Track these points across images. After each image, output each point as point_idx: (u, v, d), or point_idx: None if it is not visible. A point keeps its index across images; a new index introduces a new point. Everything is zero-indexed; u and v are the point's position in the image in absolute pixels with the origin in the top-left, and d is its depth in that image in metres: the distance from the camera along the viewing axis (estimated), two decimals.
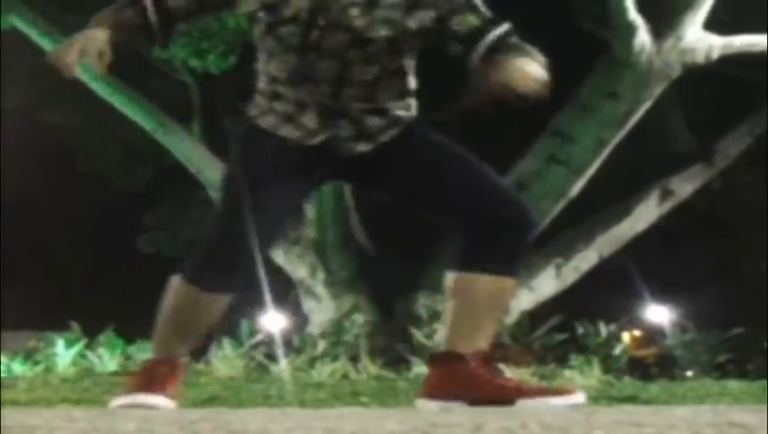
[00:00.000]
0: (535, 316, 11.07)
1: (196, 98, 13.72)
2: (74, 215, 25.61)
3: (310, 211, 11.90)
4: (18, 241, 25.02)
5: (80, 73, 3.57)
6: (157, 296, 3.62)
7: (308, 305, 11.40)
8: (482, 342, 3.44)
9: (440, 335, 8.66)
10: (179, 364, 3.59)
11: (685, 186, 12.12)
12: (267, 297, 3.46)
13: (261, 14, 3.52)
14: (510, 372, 9.26)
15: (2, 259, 23.49)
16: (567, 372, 9.45)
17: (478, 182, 3.53)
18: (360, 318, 10.73)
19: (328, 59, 3.48)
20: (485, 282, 3.44)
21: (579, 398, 3.42)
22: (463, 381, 3.34)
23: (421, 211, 3.72)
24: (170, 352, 3.60)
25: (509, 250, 3.42)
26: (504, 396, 3.28)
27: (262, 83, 3.64)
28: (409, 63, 3.63)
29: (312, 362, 9.69)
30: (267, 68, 3.60)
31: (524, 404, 3.24)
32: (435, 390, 3.39)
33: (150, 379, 3.50)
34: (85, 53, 3.34)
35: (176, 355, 3.60)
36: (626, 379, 9.59)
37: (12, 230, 24.76)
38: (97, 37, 3.37)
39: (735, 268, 17.15)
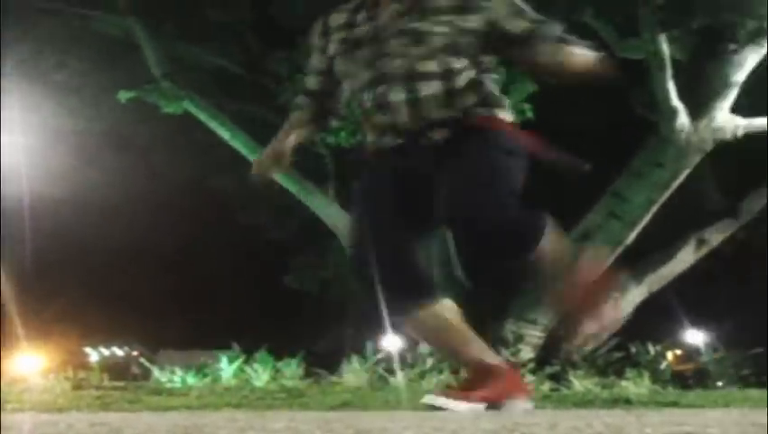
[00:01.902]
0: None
1: (331, 166, 14.78)
2: (234, 259, 27.76)
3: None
4: (194, 279, 27.76)
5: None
6: (302, 323, 3.71)
7: None
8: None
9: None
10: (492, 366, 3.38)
11: (716, 236, 12.81)
12: (387, 323, 3.50)
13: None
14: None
15: (182, 293, 26.60)
16: (624, 383, 10.01)
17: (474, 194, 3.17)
18: None
19: (395, 59, 3.34)
20: None
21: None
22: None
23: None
24: (474, 361, 3.43)
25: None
26: None
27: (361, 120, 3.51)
28: (483, 66, 3.39)
29: (422, 374, 10.36)
30: (351, 98, 3.54)
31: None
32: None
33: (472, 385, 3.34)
34: (274, 167, 3.67)
35: (483, 359, 3.40)
36: (670, 388, 10.06)
37: (188, 271, 27.13)
38: (282, 151, 3.64)
39: (755, 300, 17.69)
